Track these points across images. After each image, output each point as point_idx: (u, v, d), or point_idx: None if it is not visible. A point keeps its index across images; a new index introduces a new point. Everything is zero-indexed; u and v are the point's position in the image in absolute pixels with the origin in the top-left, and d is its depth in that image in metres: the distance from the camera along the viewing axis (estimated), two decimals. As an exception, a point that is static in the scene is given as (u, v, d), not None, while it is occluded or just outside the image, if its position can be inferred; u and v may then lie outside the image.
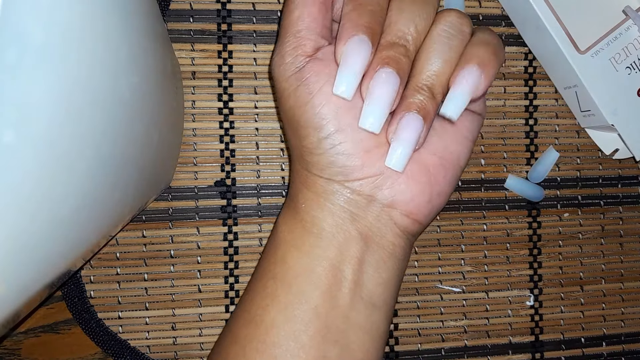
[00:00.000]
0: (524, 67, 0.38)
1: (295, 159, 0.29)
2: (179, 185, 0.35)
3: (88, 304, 0.34)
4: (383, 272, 0.28)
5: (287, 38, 0.27)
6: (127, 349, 0.35)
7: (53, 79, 0.16)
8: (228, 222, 0.36)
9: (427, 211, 0.28)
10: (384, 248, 0.27)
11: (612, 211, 0.39)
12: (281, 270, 0.28)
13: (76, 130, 0.18)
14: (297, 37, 0.26)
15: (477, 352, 0.38)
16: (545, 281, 0.38)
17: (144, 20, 0.24)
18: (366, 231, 0.27)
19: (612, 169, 0.39)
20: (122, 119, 0.22)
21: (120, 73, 0.21)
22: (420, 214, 0.28)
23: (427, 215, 0.28)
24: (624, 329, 0.39)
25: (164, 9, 0.34)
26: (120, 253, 0.35)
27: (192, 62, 0.35)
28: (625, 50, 0.34)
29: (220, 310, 0.36)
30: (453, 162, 0.28)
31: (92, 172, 0.20)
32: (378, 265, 0.27)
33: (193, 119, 0.35)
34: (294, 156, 0.29)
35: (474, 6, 0.37)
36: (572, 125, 0.38)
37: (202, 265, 0.35)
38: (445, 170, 0.28)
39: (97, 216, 0.23)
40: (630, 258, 0.39)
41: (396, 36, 0.26)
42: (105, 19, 0.19)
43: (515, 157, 0.38)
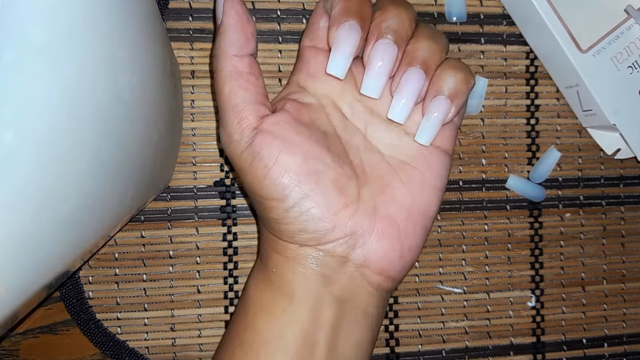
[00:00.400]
0: (526, 66, 0.37)
1: (263, 226, 0.29)
2: (178, 185, 0.35)
3: (86, 304, 0.34)
4: (357, 333, 0.27)
5: (227, 115, 0.26)
6: (125, 350, 0.34)
7: (52, 79, 0.16)
8: (227, 223, 0.35)
9: (400, 267, 0.27)
10: (358, 308, 0.27)
11: (614, 211, 0.39)
12: (250, 336, 0.27)
13: (75, 130, 0.17)
14: (236, 111, 0.26)
15: (478, 353, 0.38)
16: (547, 282, 0.38)
17: (142, 19, 0.24)
18: (340, 293, 0.27)
19: (614, 169, 0.39)
20: (121, 118, 0.21)
21: (120, 72, 0.21)
22: (393, 270, 0.27)
23: (400, 272, 0.27)
24: (626, 329, 0.39)
25: (162, 7, 0.34)
26: (119, 253, 0.34)
27: (191, 61, 0.35)
28: (627, 49, 0.34)
29: (220, 311, 0.35)
30: (422, 214, 0.28)
31: (91, 172, 0.20)
32: (352, 327, 0.27)
33: (192, 119, 0.35)
34: (262, 223, 0.29)
35: (475, 5, 0.37)
36: (573, 125, 0.38)
37: (201, 266, 0.35)
38: (414, 224, 0.27)
39: (96, 216, 0.22)
40: (632, 258, 0.39)
41: (385, 24, 0.26)
42: (104, 18, 0.19)
43: (516, 157, 0.38)
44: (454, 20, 0.36)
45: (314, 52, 0.28)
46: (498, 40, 0.37)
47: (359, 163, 0.28)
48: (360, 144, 0.28)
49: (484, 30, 0.37)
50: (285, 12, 0.35)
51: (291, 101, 0.28)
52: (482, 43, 0.37)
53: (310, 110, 0.28)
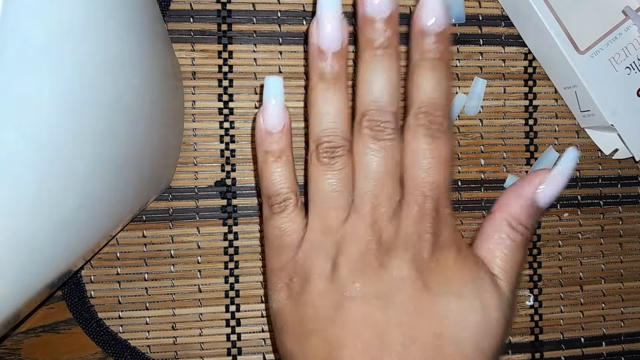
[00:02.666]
0: (524, 67, 0.38)
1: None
2: (179, 185, 0.35)
3: (88, 303, 0.34)
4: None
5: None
6: (127, 349, 0.35)
7: (54, 79, 0.16)
8: (228, 222, 0.36)
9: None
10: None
11: (612, 211, 0.39)
12: None
13: (76, 131, 0.18)
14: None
15: (477, 351, 0.38)
16: (545, 281, 0.38)
17: (144, 20, 0.24)
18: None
19: (612, 169, 0.39)
20: (122, 119, 0.22)
21: (121, 73, 0.21)
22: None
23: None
24: (624, 328, 0.40)
25: (164, 9, 0.34)
26: (120, 253, 0.35)
27: (193, 62, 0.35)
28: (624, 50, 0.34)
29: (221, 310, 0.36)
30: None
31: (92, 172, 0.20)
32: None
33: (193, 119, 0.35)
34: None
35: (474, 6, 0.37)
36: (571, 126, 0.38)
37: (202, 265, 0.35)
38: None
39: (97, 216, 0.23)
40: (630, 258, 0.39)
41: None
42: (106, 19, 0.19)
43: (515, 157, 0.38)
44: (453, 21, 0.37)
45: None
46: (497, 42, 0.37)
47: None
48: None
49: (482, 32, 0.37)
50: (285, 13, 0.35)
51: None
52: (480, 44, 0.37)
53: None
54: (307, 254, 0.27)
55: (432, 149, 0.26)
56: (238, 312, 0.36)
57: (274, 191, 0.28)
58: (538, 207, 0.28)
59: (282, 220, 0.28)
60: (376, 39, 0.26)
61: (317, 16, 0.26)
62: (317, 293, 0.26)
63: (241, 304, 0.36)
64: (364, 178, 0.27)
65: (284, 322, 0.27)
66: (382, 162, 0.26)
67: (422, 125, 0.26)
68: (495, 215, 0.28)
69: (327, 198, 0.27)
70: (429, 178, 0.26)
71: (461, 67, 0.37)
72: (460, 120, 0.37)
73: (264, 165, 0.28)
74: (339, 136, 0.27)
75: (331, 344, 0.25)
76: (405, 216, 0.26)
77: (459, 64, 0.37)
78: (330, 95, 0.27)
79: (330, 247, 0.26)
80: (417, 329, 0.25)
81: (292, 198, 0.28)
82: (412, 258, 0.26)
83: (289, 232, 0.27)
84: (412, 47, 0.27)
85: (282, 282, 0.27)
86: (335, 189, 0.27)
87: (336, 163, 0.27)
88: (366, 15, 0.26)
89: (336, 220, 0.27)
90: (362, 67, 0.27)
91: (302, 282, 0.26)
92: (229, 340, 0.36)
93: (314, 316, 0.26)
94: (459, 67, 0.37)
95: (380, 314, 0.25)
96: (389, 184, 0.27)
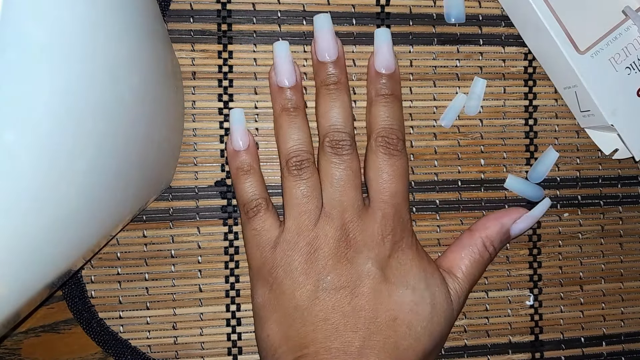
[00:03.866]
0: (524, 67, 0.38)
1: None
2: (180, 185, 0.35)
3: (89, 303, 0.34)
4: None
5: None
6: (128, 349, 0.35)
7: (53, 79, 0.16)
8: (228, 222, 0.36)
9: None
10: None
11: (612, 211, 0.39)
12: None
13: (77, 130, 0.18)
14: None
15: (477, 351, 0.38)
16: (545, 281, 0.38)
17: (144, 20, 0.24)
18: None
19: (612, 169, 0.39)
20: (122, 119, 0.22)
21: (121, 73, 0.21)
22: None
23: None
24: (624, 328, 0.40)
25: (164, 9, 0.34)
26: (121, 253, 0.35)
27: (193, 62, 0.35)
28: (625, 50, 0.34)
29: (221, 309, 0.36)
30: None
31: (92, 172, 0.20)
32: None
33: (193, 119, 0.35)
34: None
35: (474, 6, 0.37)
36: (571, 126, 0.38)
37: (202, 265, 0.35)
38: None
39: (97, 216, 0.23)
40: (630, 258, 0.39)
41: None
42: (106, 19, 0.19)
43: (514, 157, 0.38)
44: (453, 21, 0.37)
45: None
46: (497, 42, 0.37)
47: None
48: None
49: (482, 32, 0.37)
50: (285, 13, 0.35)
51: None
52: (480, 44, 0.37)
53: None
54: (285, 252, 0.32)
55: (390, 164, 0.32)
56: (239, 311, 0.36)
57: (246, 199, 0.33)
58: (509, 236, 0.36)
59: (256, 222, 0.33)
60: (328, 77, 0.33)
61: (274, 64, 0.34)
62: (295, 286, 0.31)
63: (242, 304, 0.36)
64: (330, 186, 0.32)
65: (266, 313, 0.32)
66: (344, 172, 0.32)
67: (381, 145, 0.32)
68: (473, 233, 0.35)
69: (300, 203, 0.32)
70: (390, 188, 0.32)
71: (461, 67, 0.37)
72: (460, 120, 0.37)
73: (236, 179, 0.33)
74: (304, 151, 0.32)
75: (309, 327, 0.30)
76: (370, 220, 0.32)
77: (459, 64, 0.37)
78: (293, 120, 0.33)
79: (305, 246, 0.31)
80: (377, 312, 0.30)
81: (262, 203, 0.33)
82: (375, 256, 0.31)
83: (264, 232, 0.33)
84: (369, 87, 0.34)
85: (263, 278, 0.32)
86: (305, 194, 0.32)
87: (304, 173, 0.32)
88: (319, 60, 0.33)
89: (308, 222, 0.32)
90: (319, 101, 0.33)
91: (281, 276, 0.31)
92: (230, 340, 0.36)
93: (293, 305, 0.31)
94: (459, 67, 0.37)
95: (347, 300, 0.31)
96: (351, 191, 0.32)
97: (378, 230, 0.32)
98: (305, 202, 0.32)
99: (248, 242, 0.33)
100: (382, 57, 0.34)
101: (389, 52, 0.34)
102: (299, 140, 0.33)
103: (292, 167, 0.32)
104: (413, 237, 0.33)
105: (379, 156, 0.32)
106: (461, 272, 0.34)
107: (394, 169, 0.32)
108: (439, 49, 0.37)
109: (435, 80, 0.37)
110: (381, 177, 0.32)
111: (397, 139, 0.33)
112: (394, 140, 0.33)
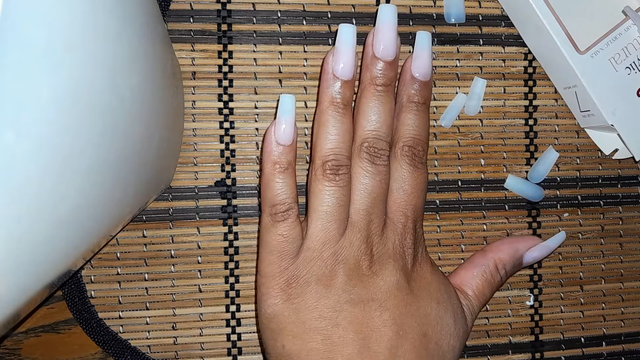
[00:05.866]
0: (524, 67, 0.38)
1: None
2: (179, 185, 0.35)
3: (89, 303, 0.34)
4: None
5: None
6: (127, 349, 0.35)
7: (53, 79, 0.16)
8: (228, 222, 0.36)
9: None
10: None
11: (612, 211, 0.39)
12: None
13: (76, 130, 0.18)
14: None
15: (477, 351, 0.38)
16: (545, 281, 0.38)
17: (144, 20, 0.24)
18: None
19: (612, 169, 0.39)
20: (122, 119, 0.22)
21: (120, 73, 0.21)
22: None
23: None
24: (624, 328, 0.40)
25: (164, 9, 0.34)
26: (120, 253, 0.35)
27: (193, 62, 0.35)
28: (624, 50, 0.34)
29: (221, 310, 0.36)
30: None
31: (92, 172, 0.20)
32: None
33: (193, 119, 0.35)
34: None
35: (474, 6, 0.37)
36: (571, 126, 0.38)
37: (202, 265, 0.35)
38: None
39: (97, 216, 0.23)
40: (630, 258, 0.39)
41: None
42: (106, 19, 0.19)
43: (515, 157, 0.38)
44: (453, 21, 0.37)
45: None
46: (497, 42, 0.37)
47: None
48: None
49: (482, 32, 0.37)
50: (285, 13, 0.35)
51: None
52: (480, 44, 0.37)
53: None
54: (308, 261, 0.30)
55: (414, 177, 0.31)
56: (238, 312, 0.36)
57: (278, 200, 0.30)
58: (521, 263, 0.35)
59: (284, 228, 0.30)
60: (380, 77, 0.31)
61: (336, 48, 0.30)
62: (317, 297, 0.29)
63: (242, 304, 0.36)
64: (360, 196, 0.30)
65: (281, 324, 0.30)
66: (377, 184, 0.30)
67: (407, 156, 0.31)
68: (486, 253, 0.35)
69: (330, 212, 0.30)
70: (411, 202, 0.31)
71: (461, 67, 0.37)
72: (460, 120, 0.37)
73: (270, 175, 0.31)
74: (345, 156, 0.30)
75: (333, 341, 0.28)
76: (392, 232, 0.31)
77: (459, 64, 0.37)
78: (339, 118, 0.30)
79: (329, 257, 0.30)
80: (408, 327, 0.29)
81: (294, 208, 0.30)
82: (401, 268, 0.30)
83: (290, 240, 0.30)
84: (402, 90, 0.32)
85: (278, 287, 0.30)
86: (338, 203, 0.30)
87: (341, 180, 0.30)
88: (374, 55, 0.31)
89: (336, 232, 0.30)
90: (363, 100, 0.31)
91: (302, 287, 0.29)
92: (229, 341, 0.36)
93: (314, 316, 0.29)
94: (459, 67, 0.37)
95: (377, 314, 0.29)
96: (380, 204, 0.31)
97: (399, 243, 0.31)
98: (336, 211, 0.30)
99: (267, 245, 0.31)
100: (420, 63, 0.32)
101: (429, 59, 0.32)
102: (342, 142, 0.30)
103: (329, 170, 0.30)
104: (427, 250, 0.33)
105: (404, 167, 0.31)
106: (472, 291, 0.33)
107: (417, 182, 0.31)
108: (439, 49, 0.37)
109: (435, 80, 0.37)
110: (403, 188, 0.31)
111: (422, 151, 0.32)
112: (420, 152, 0.31)
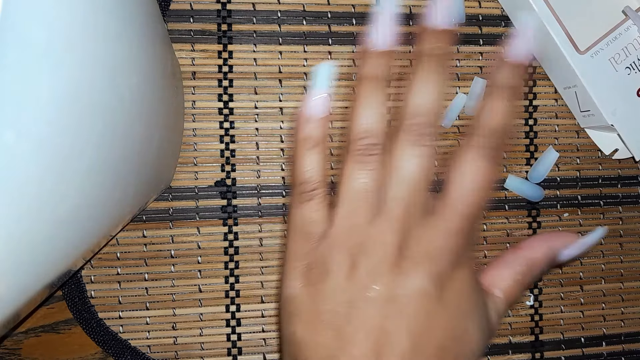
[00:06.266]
0: (524, 67, 0.38)
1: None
2: (180, 185, 0.35)
3: (89, 303, 0.34)
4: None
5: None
6: (127, 349, 0.35)
7: (53, 79, 0.16)
8: (228, 222, 0.36)
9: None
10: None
11: (612, 211, 0.39)
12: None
13: (76, 130, 0.18)
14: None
15: (477, 351, 0.38)
16: (545, 281, 0.38)
17: (144, 20, 0.24)
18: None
19: (612, 169, 0.39)
20: (122, 119, 0.22)
21: (121, 73, 0.21)
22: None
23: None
24: (624, 328, 0.40)
25: (164, 9, 0.34)
26: (120, 253, 0.35)
27: (193, 62, 0.35)
28: (624, 50, 0.34)
29: (221, 310, 0.36)
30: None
31: (91, 172, 0.20)
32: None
33: (193, 119, 0.35)
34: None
35: (474, 6, 0.37)
36: (571, 126, 0.38)
37: (202, 265, 0.35)
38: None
39: (97, 216, 0.23)
40: (630, 258, 0.39)
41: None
42: (106, 19, 0.19)
43: (515, 157, 0.38)
44: (453, 21, 0.36)
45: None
46: (497, 42, 0.37)
47: None
48: None
49: (482, 32, 0.37)
50: (285, 13, 0.35)
51: None
52: (480, 44, 0.37)
53: None
54: (330, 248, 0.27)
55: (482, 173, 0.26)
56: (238, 312, 0.36)
57: (305, 177, 0.28)
58: (555, 261, 0.30)
59: (308, 209, 0.28)
60: (436, 48, 0.27)
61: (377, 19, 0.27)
62: (334, 287, 0.26)
63: (241, 304, 0.36)
64: (397, 181, 0.27)
65: (296, 308, 0.27)
66: (418, 169, 0.27)
67: (479, 147, 0.26)
68: (518, 252, 0.30)
69: (357, 198, 0.27)
70: (471, 199, 0.26)
71: (461, 67, 0.37)
72: (460, 120, 0.37)
73: (299, 151, 0.28)
74: (376, 134, 0.27)
75: (342, 339, 0.26)
76: (435, 229, 0.26)
77: (459, 64, 0.37)
78: (374, 92, 0.27)
79: (354, 246, 0.27)
80: (424, 339, 0.26)
81: (321, 188, 0.28)
82: (434, 272, 0.26)
83: (314, 223, 0.28)
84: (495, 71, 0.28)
85: (299, 269, 0.28)
86: (367, 188, 0.27)
87: (371, 161, 0.27)
88: (433, 27, 0.27)
89: (363, 219, 0.27)
90: (418, 75, 0.27)
91: (321, 273, 0.27)
92: (229, 340, 0.36)
93: (329, 309, 0.26)
94: (459, 67, 0.37)
95: (393, 319, 0.26)
96: (421, 192, 0.27)
97: (441, 244, 0.26)
98: (363, 197, 0.27)
99: (293, 224, 0.28)
100: (524, 43, 0.27)
101: (532, 40, 0.27)
102: (374, 117, 0.27)
103: (358, 150, 0.27)
104: (472, 254, 0.29)
105: (475, 158, 0.27)
106: (502, 292, 0.30)
107: (484, 178, 0.27)
108: (439, 49, 0.37)
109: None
110: (465, 184, 0.27)
111: (498, 145, 0.27)
112: (494, 144, 0.27)
